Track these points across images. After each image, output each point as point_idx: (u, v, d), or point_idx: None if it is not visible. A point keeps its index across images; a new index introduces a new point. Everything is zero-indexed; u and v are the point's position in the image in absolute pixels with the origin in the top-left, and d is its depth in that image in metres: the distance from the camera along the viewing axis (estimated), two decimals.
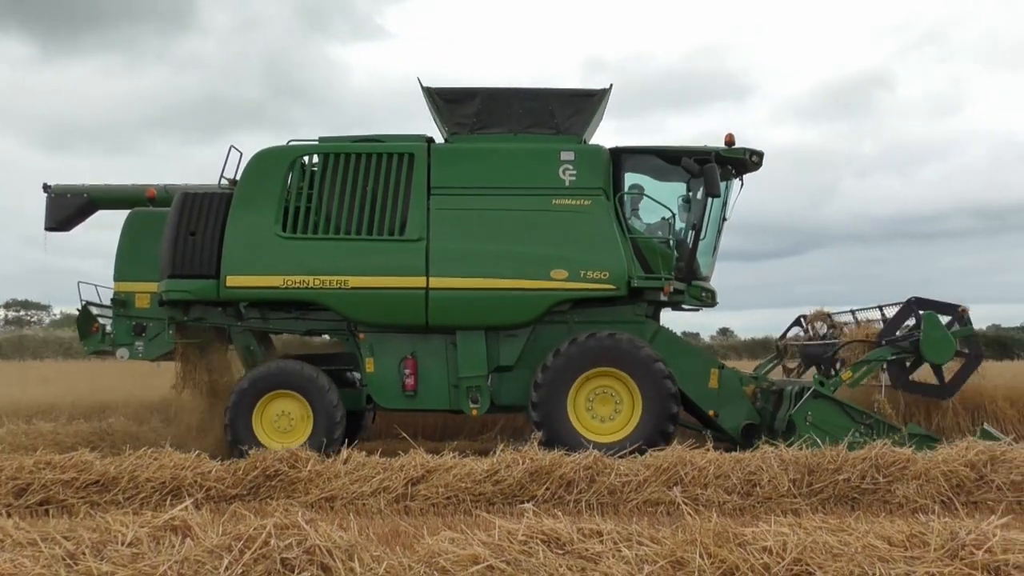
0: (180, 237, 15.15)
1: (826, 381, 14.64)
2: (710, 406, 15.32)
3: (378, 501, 10.86)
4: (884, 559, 5.88)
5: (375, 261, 14.80)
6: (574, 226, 14.91)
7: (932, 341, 14.60)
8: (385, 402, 15.36)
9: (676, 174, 15.75)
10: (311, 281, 14.74)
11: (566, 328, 15.26)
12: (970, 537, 5.98)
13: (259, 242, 14.91)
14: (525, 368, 15.13)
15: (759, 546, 6.00)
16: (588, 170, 15.10)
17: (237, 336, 15.83)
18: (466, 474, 11.20)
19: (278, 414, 14.90)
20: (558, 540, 6.21)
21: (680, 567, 5.89)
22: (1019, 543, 5.89)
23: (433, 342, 15.24)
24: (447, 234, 14.87)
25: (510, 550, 6.05)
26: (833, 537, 6.16)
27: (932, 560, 5.85)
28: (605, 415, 14.76)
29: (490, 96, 15.52)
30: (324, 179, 15.10)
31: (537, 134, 15.43)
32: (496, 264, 14.79)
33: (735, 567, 5.82)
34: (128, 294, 15.74)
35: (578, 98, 15.55)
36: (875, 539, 6.17)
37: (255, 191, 15.15)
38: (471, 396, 15.03)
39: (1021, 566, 5.70)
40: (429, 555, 6.07)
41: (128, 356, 15.76)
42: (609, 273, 14.75)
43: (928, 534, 6.14)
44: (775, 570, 5.81)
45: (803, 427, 13.93)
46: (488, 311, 14.85)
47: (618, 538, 6.25)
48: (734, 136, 15.48)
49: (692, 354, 16.02)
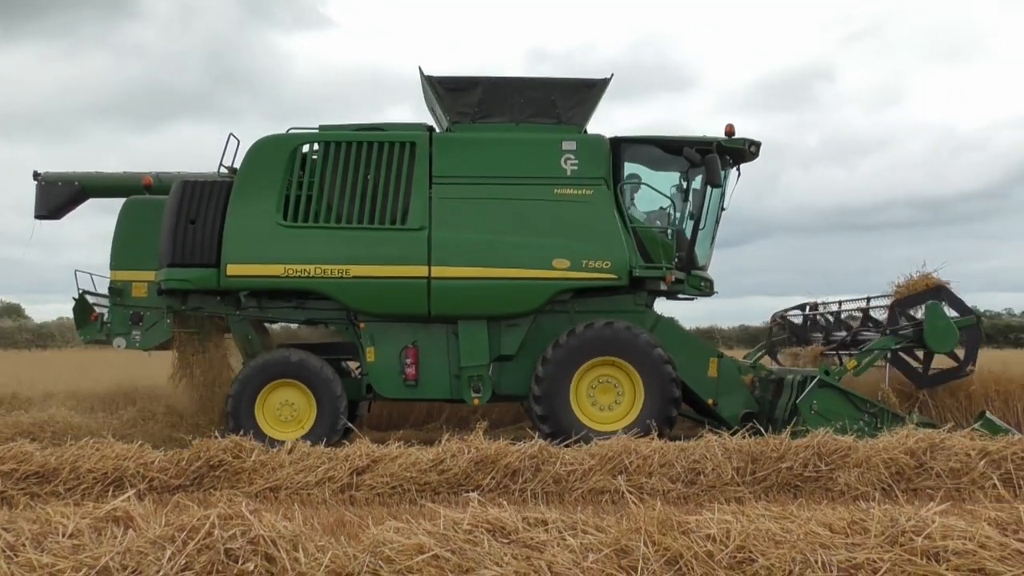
0: (180, 225, 15.05)
1: (831, 370, 14.76)
2: (709, 395, 15.45)
3: (323, 491, 10.83)
4: (825, 545, 5.94)
5: (377, 250, 14.84)
6: (576, 216, 15.02)
7: (936, 330, 14.89)
8: (386, 392, 15.37)
9: (673, 164, 15.88)
10: (312, 270, 14.73)
11: (567, 318, 15.38)
12: (910, 524, 6.05)
13: (260, 231, 14.88)
14: (526, 357, 15.24)
15: (703, 534, 6.04)
16: (590, 160, 15.20)
17: (235, 325, 15.78)
18: (411, 464, 11.20)
19: (280, 403, 14.89)
20: (503, 529, 6.21)
21: (625, 555, 5.91)
22: (957, 529, 5.97)
23: (434, 331, 15.28)
24: (449, 223, 14.93)
25: (455, 539, 6.05)
26: (776, 524, 6.22)
27: (872, 546, 5.92)
28: (607, 403, 14.90)
29: (492, 85, 15.54)
30: (326, 168, 15.08)
31: (538, 124, 15.46)
32: (498, 253, 14.89)
33: (679, 555, 5.85)
34: (125, 283, 15.68)
35: (579, 88, 15.60)
36: (817, 526, 6.23)
37: (256, 179, 15.09)
38: (473, 386, 15.11)
39: (959, 552, 5.78)
40: (374, 545, 6.06)
41: (125, 346, 15.70)
42: (611, 263, 14.90)
43: (868, 521, 6.21)
44: (719, 557, 5.86)
45: (808, 415, 14.10)
46: (490, 300, 14.93)
47: (563, 527, 6.26)
48: (734, 127, 15.56)
49: (691, 343, 16.16)
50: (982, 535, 5.91)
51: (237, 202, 15.00)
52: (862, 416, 14.25)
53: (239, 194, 15.05)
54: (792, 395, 14.76)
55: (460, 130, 15.47)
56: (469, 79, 15.51)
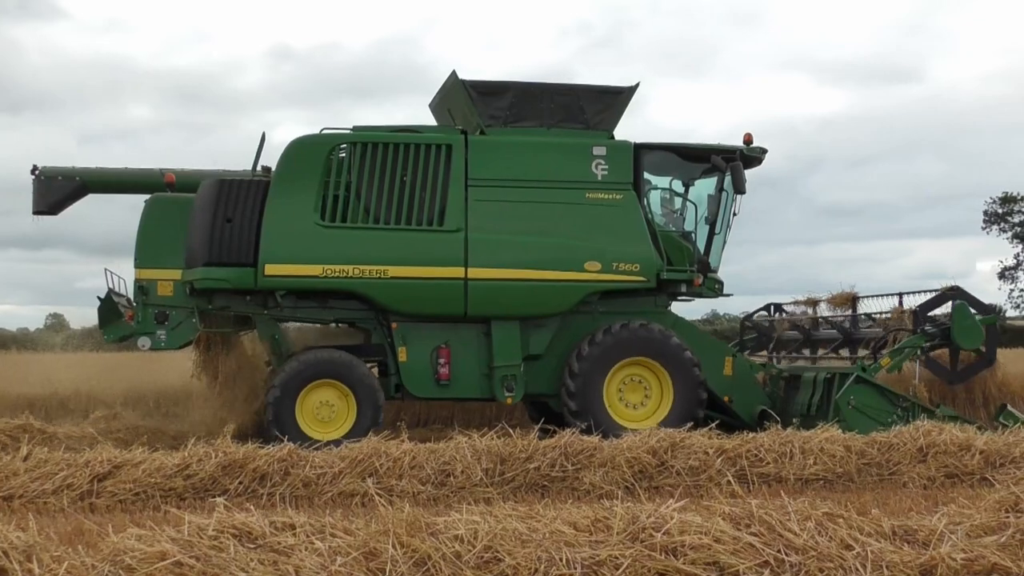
0: (217, 224, 14.73)
1: (868, 367, 15.50)
2: (725, 392, 16.05)
3: (60, 499, 10.41)
4: (570, 543, 6.07)
5: (414, 251, 15.01)
6: (606, 219, 15.48)
7: (963, 329, 15.75)
8: (418, 391, 15.46)
9: (690, 171, 16.52)
10: (351, 271, 14.75)
11: (591, 318, 15.78)
12: (650, 520, 6.25)
13: (298, 231, 14.83)
14: (552, 357, 15.54)
15: (451, 535, 6.08)
16: (618, 165, 15.63)
17: (262, 325, 15.55)
18: (156, 469, 10.91)
19: (319, 404, 14.75)
20: (250, 534, 6.10)
21: (373, 557, 5.89)
22: (694, 524, 6.20)
23: (465, 331, 15.46)
24: (485, 225, 15.20)
25: (200, 545, 5.90)
26: (522, 524, 6.31)
27: (615, 543, 6.08)
28: (635, 402, 15.41)
29: (523, 90, 15.87)
30: (363, 168, 15.04)
31: (568, 128, 15.74)
32: (533, 255, 15.30)
33: (427, 556, 5.87)
34: (150, 281, 15.30)
35: (607, 94, 16.02)
36: (562, 524, 6.36)
37: (293, 179, 14.98)
38: (506, 384, 15.27)
39: (696, 546, 6.01)
40: (114, 553, 5.85)
41: (150, 345, 15.32)
42: (640, 266, 15.43)
43: (611, 519, 6.38)
44: (466, 558, 5.90)
45: (847, 411, 14.87)
46: (524, 301, 15.30)
47: (311, 530, 6.20)
48: (752, 135, 16.25)
49: (707, 342, 16.89)
50: (717, 530, 6.17)
51: (275, 202, 14.92)
52: (895, 410, 15.11)
53: (276, 194, 14.96)
54: (816, 392, 15.58)
55: (493, 134, 15.68)
56: (501, 84, 15.84)
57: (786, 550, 6.08)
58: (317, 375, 14.87)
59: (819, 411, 15.38)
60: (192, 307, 15.32)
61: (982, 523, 6.62)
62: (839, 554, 6.11)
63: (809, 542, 6.15)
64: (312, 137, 15.38)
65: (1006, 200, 57.28)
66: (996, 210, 57.71)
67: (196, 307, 15.33)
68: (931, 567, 6.09)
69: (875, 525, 6.59)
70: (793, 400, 16.15)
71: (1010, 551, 6.24)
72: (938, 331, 16.14)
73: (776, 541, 6.15)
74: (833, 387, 15.41)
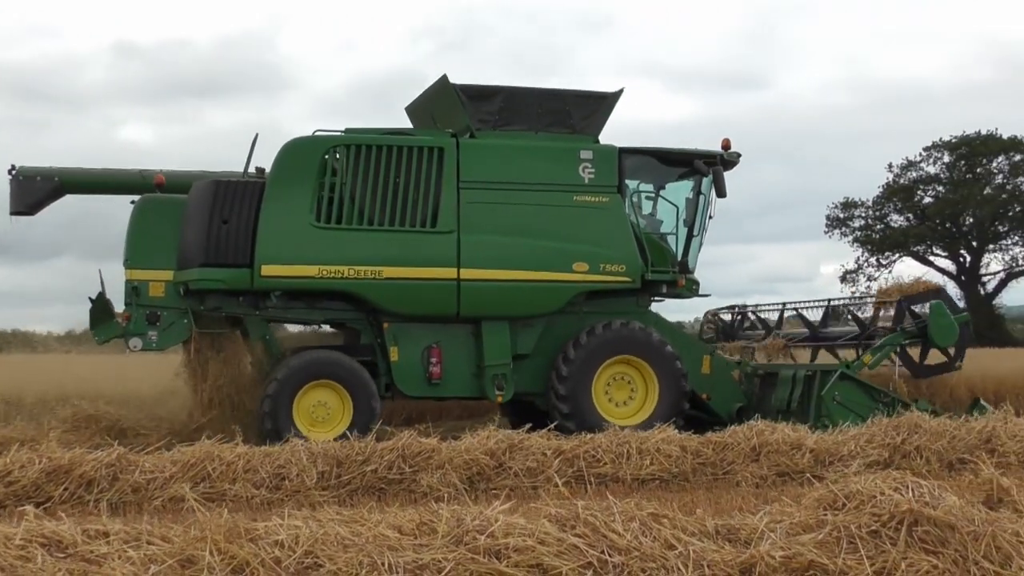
0: (213, 225, 14.65)
1: (851, 364, 16.22)
2: (704, 390, 16.46)
3: None
4: (393, 548, 6.00)
5: (408, 252, 15.19)
6: (593, 222, 15.86)
7: (939, 327, 16.53)
8: (409, 390, 15.56)
9: (668, 174, 17.07)
10: (346, 271, 14.87)
11: (576, 318, 16.06)
12: (475, 523, 6.23)
13: (294, 232, 14.89)
14: (539, 356, 15.92)
15: (271, 540, 5.96)
16: (604, 169, 16.01)
17: (253, 326, 15.42)
18: None
19: (315, 404, 14.88)
20: (60, 543, 5.89)
21: (190, 565, 5.75)
22: (519, 527, 6.19)
23: (456, 331, 15.66)
24: (477, 227, 15.45)
25: (6, 556, 5.67)
26: (346, 528, 6.23)
27: (439, 547, 6.03)
28: (622, 400, 15.90)
29: (512, 95, 16.13)
30: (357, 170, 15.07)
31: (555, 133, 16.02)
32: (523, 256, 15.57)
33: (246, 562, 5.75)
34: (141, 282, 15.13)
35: (593, 99, 16.44)
36: (387, 528, 6.29)
37: (288, 181, 14.98)
38: (496, 383, 15.57)
39: (520, 548, 6.00)
40: None
41: (142, 346, 15.14)
42: (625, 267, 15.81)
43: (437, 522, 6.33)
44: (286, 563, 5.80)
45: (832, 406, 15.54)
46: (515, 301, 15.62)
47: (126, 538, 6.02)
48: (730, 141, 16.82)
49: (685, 341, 17.41)
50: (541, 531, 6.17)
51: (270, 203, 14.99)
52: (877, 405, 15.62)
53: (272, 195, 15.03)
54: (795, 388, 16.06)
55: (484, 136, 15.93)
56: (491, 88, 16.07)
57: (609, 551, 6.11)
58: (316, 375, 15.00)
59: (799, 407, 15.99)
60: (185, 308, 15.27)
61: (801, 521, 6.74)
62: (662, 554, 6.16)
63: (633, 542, 6.19)
64: (306, 139, 15.54)
65: (847, 205, 58.78)
66: (838, 215, 59.19)
67: (189, 308, 15.29)
68: (751, 565, 6.19)
69: (699, 524, 6.68)
70: (770, 397, 16.67)
71: (827, 548, 6.38)
72: (916, 328, 16.86)
73: (600, 542, 6.18)
74: (814, 384, 16.01)
